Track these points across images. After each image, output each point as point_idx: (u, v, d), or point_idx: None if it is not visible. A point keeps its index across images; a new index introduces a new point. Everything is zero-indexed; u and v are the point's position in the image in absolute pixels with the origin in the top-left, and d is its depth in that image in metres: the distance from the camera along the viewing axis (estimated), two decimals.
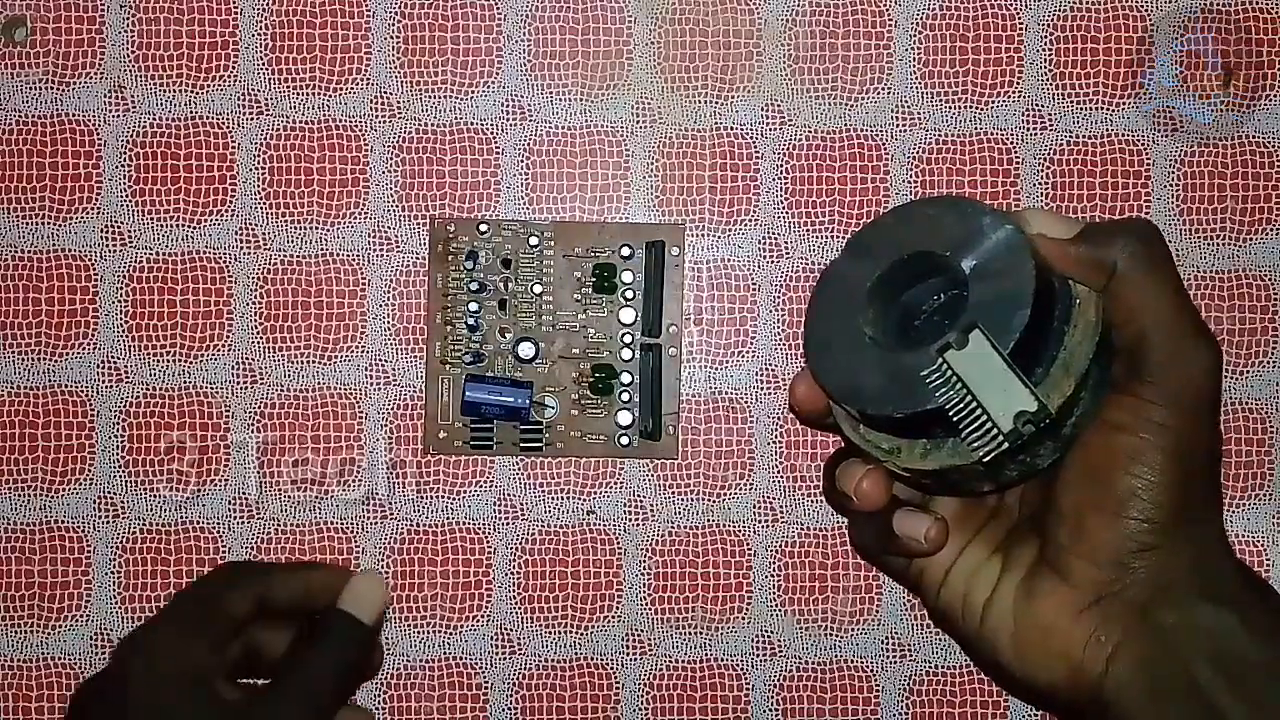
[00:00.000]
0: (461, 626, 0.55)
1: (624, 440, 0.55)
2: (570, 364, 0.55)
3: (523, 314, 0.55)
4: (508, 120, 0.56)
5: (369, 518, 0.55)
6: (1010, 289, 0.39)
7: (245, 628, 0.49)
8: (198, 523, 0.55)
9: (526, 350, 0.55)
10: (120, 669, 0.48)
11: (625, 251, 0.55)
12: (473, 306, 0.55)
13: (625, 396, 0.55)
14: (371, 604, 0.50)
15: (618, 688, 0.55)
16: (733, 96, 0.56)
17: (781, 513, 0.55)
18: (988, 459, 0.39)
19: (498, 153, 0.56)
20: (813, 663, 0.55)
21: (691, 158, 0.56)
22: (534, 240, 0.55)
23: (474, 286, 0.55)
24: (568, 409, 0.55)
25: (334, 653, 0.49)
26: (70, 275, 0.56)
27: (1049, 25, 0.56)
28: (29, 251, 0.56)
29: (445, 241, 0.55)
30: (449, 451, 0.55)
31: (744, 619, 0.56)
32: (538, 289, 0.55)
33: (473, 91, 0.56)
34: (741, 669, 0.55)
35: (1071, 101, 0.56)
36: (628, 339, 0.55)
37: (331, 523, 0.55)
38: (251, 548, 0.55)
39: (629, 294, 0.55)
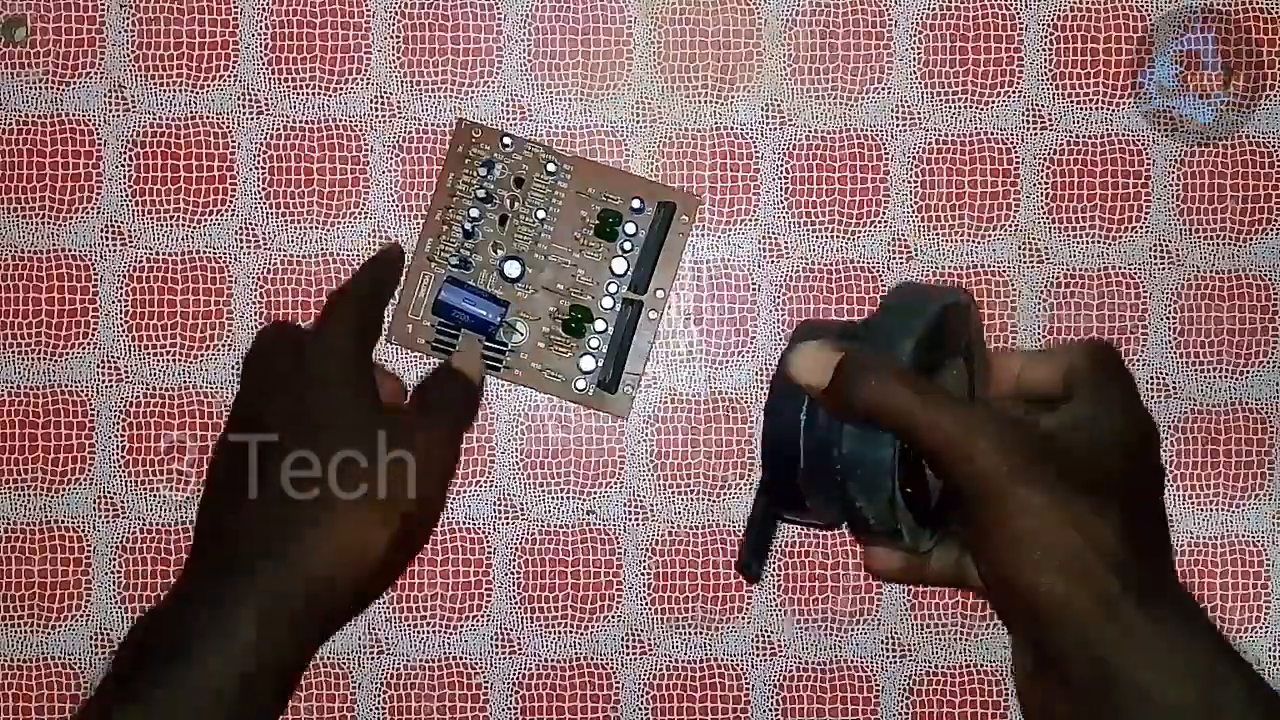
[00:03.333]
0: (461, 626, 0.55)
1: (580, 385, 0.55)
2: (551, 297, 0.55)
3: (520, 235, 0.55)
4: (508, 121, 0.56)
5: None
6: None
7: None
8: None
9: (513, 269, 0.55)
10: (300, 358, 0.50)
11: (636, 204, 0.55)
12: (474, 213, 0.55)
13: (594, 343, 0.55)
14: (475, 368, 0.54)
15: (618, 688, 0.55)
16: (733, 96, 0.56)
17: None
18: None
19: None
20: (813, 663, 0.55)
21: (691, 158, 0.56)
22: (551, 168, 0.55)
23: (481, 194, 0.55)
24: (536, 340, 0.55)
25: (461, 390, 0.53)
26: (70, 275, 0.56)
27: (1049, 25, 0.56)
28: (29, 251, 0.56)
29: (467, 144, 0.55)
30: (410, 346, 0.55)
31: (744, 619, 0.56)
32: (541, 215, 0.55)
33: (472, 91, 0.56)
34: (741, 669, 0.55)
35: (1071, 101, 0.56)
36: (613, 288, 0.55)
37: None
38: None
39: (627, 246, 0.55)
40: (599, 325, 0.55)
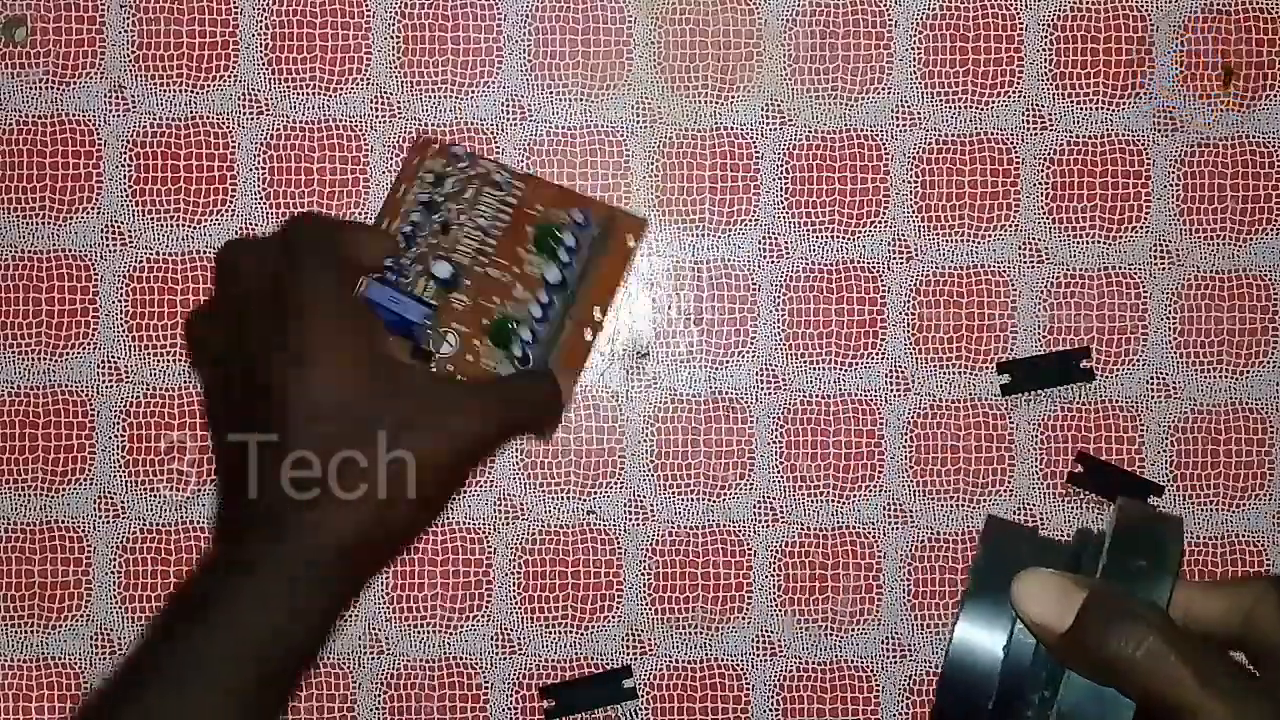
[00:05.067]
0: (461, 626, 0.55)
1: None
2: (483, 309, 0.51)
3: (461, 245, 0.51)
4: (508, 120, 0.56)
5: None
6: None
7: None
8: (198, 523, 0.55)
9: (442, 269, 0.51)
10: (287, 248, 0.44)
11: (580, 219, 0.51)
12: (415, 217, 0.51)
13: (519, 352, 0.50)
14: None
15: None
16: (733, 96, 0.56)
17: (781, 513, 0.55)
18: None
19: (497, 152, 0.56)
20: (813, 663, 0.55)
21: (691, 158, 0.56)
22: (499, 179, 0.51)
23: (424, 199, 0.51)
24: (465, 353, 0.50)
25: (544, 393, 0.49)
26: (70, 275, 0.56)
27: (1049, 25, 0.56)
28: (29, 251, 0.56)
29: (423, 159, 0.52)
30: None
31: (744, 619, 0.56)
32: (483, 223, 0.51)
33: (473, 91, 0.56)
34: (741, 669, 0.55)
35: (1071, 101, 0.56)
36: (544, 299, 0.51)
37: None
38: None
39: (564, 258, 0.50)
40: (525, 334, 0.50)
